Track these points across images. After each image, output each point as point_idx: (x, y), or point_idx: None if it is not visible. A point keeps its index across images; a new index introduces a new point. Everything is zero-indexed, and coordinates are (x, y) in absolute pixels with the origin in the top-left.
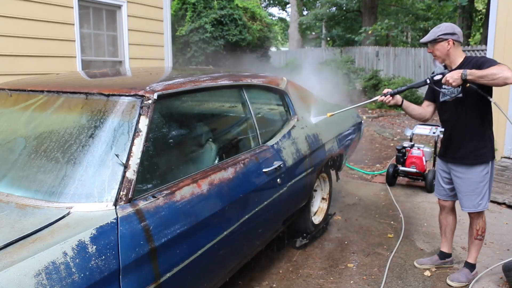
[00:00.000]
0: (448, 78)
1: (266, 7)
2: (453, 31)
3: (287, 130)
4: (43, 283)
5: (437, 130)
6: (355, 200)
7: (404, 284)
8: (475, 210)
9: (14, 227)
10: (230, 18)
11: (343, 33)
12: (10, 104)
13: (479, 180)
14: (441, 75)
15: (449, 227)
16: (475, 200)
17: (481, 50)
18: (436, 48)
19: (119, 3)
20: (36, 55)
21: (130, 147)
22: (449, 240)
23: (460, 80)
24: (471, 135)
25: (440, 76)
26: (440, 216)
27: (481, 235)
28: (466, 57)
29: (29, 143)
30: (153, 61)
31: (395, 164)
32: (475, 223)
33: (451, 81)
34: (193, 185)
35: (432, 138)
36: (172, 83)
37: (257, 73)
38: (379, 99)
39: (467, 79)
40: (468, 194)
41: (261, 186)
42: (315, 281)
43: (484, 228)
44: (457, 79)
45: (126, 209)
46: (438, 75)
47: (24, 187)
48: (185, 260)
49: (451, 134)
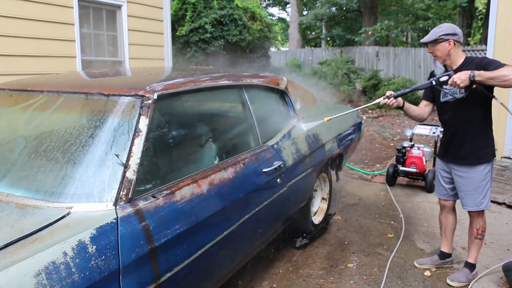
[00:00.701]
0: (455, 79)
1: (266, 7)
2: (454, 31)
3: (287, 130)
4: (43, 283)
5: (437, 130)
6: (355, 200)
7: (404, 284)
8: (477, 208)
9: (14, 227)
10: (230, 18)
11: (343, 33)
12: (10, 104)
13: (481, 179)
14: (447, 76)
15: (449, 227)
16: (477, 199)
17: (481, 50)
18: (437, 48)
19: (119, 3)
20: (36, 55)
21: (130, 147)
22: (449, 240)
23: (468, 81)
24: (472, 135)
25: (447, 77)
26: (440, 216)
27: (481, 235)
28: (466, 58)
29: (29, 143)
30: (153, 61)
31: (395, 164)
32: (476, 222)
33: (459, 82)
34: (193, 185)
35: (432, 138)
36: (172, 83)
37: (257, 73)
38: (382, 102)
39: (475, 80)
40: (470, 193)
41: (261, 186)
42: (315, 281)
43: (484, 227)
44: (465, 80)
45: (126, 209)
46: (444, 76)
47: (24, 187)
48: (185, 260)
49: (452, 134)
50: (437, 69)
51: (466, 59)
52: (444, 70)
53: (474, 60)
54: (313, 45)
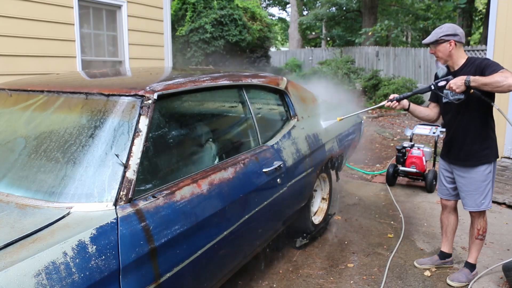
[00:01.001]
0: (452, 85)
1: (266, 7)
2: (455, 32)
3: (287, 130)
4: (43, 283)
5: (437, 130)
6: (355, 200)
7: (404, 284)
8: (478, 209)
9: (14, 227)
10: (230, 18)
11: (343, 33)
12: (10, 104)
13: (482, 179)
14: (445, 81)
15: (450, 227)
16: (478, 199)
17: (481, 50)
18: (438, 49)
19: (119, 3)
20: (36, 55)
21: (130, 147)
22: (450, 240)
23: (464, 87)
24: (474, 136)
25: (444, 82)
26: (441, 216)
27: (482, 235)
28: (468, 58)
29: (29, 143)
30: (153, 61)
31: (395, 164)
32: (477, 222)
33: (455, 87)
34: (193, 185)
35: (432, 138)
36: (172, 83)
37: (257, 73)
38: (386, 105)
39: (470, 85)
40: (471, 193)
41: (261, 186)
42: (315, 281)
43: (485, 228)
44: (460, 86)
45: (126, 209)
46: (442, 81)
47: (24, 187)
48: (185, 260)
49: (454, 135)
50: (439, 70)
51: (467, 60)
52: (446, 71)
53: (475, 61)
54: (313, 45)
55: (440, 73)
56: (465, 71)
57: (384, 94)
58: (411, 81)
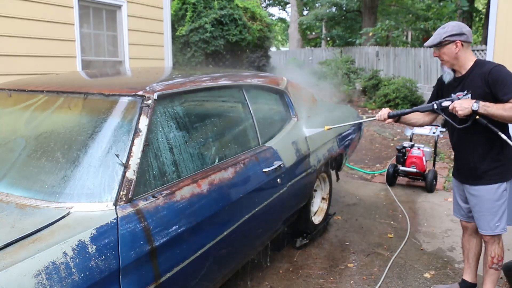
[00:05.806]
0: (456, 106)
1: (266, 7)
2: (461, 31)
3: (287, 130)
4: (43, 283)
5: (437, 130)
6: (355, 200)
7: (404, 284)
8: (492, 232)
9: (14, 227)
10: (230, 18)
11: (343, 33)
12: (10, 104)
13: (495, 198)
14: (450, 102)
15: (473, 252)
16: (492, 221)
17: (481, 50)
18: (443, 51)
19: (119, 3)
20: (36, 55)
21: (130, 147)
22: (473, 267)
23: (470, 111)
24: (482, 156)
25: (449, 102)
26: (462, 239)
27: (497, 264)
28: (476, 61)
29: (29, 143)
30: (153, 61)
31: (395, 164)
32: (490, 249)
33: (459, 109)
34: (193, 185)
35: (432, 138)
36: (172, 83)
37: (257, 73)
38: (377, 118)
39: (478, 111)
40: (483, 214)
41: (261, 186)
42: (315, 281)
43: (501, 256)
44: (466, 109)
45: (126, 209)
46: (446, 101)
47: (24, 187)
48: (185, 260)
49: (462, 156)
50: (445, 74)
51: (475, 63)
52: (453, 75)
53: (483, 66)
54: (313, 45)
55: (446, 78)
56: (473, 75)
57: (384, 94)
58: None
